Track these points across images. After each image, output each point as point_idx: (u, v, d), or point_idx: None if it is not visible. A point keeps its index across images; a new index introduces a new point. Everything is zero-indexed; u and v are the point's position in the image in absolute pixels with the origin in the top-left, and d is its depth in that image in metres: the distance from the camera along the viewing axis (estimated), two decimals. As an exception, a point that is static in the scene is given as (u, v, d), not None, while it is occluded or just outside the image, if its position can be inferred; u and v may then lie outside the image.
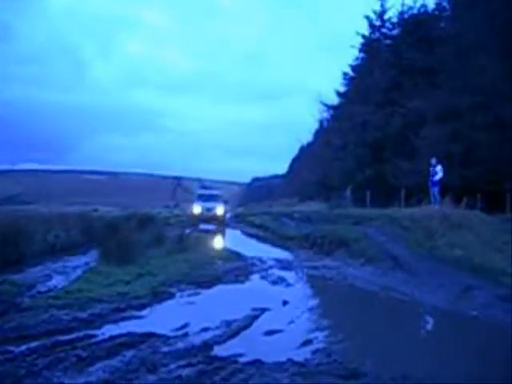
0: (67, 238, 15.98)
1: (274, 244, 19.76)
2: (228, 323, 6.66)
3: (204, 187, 38.95)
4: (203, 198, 32.15)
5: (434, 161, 20.43)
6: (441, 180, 20.23)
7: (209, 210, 30.30)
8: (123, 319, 7.05)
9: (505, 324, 7.01)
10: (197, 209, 30.53)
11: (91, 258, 13.26)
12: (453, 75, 29.52)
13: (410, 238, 14.48)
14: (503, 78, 25.83)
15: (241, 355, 5.28)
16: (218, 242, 20.63)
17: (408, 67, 35.43)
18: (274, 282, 10.78)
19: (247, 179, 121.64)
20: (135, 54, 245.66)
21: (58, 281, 10.09)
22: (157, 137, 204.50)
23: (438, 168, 20.22)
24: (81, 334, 6.15)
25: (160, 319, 7.14)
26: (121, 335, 6.03)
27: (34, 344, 5.63)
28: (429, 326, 7.93)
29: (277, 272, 12.09)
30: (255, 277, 11.54)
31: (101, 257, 12.55)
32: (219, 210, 31.00)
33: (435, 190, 20.30)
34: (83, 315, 6.98)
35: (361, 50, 42.93)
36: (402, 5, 39.17)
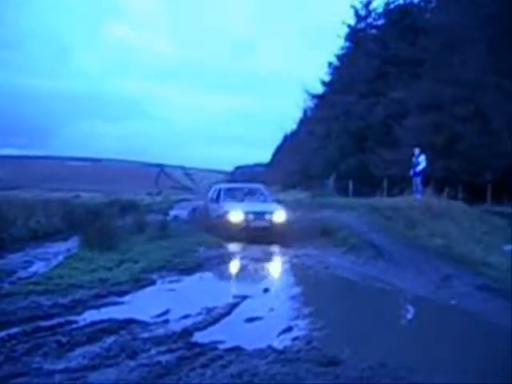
0: (49, 225, 15.92)
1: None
2: (209, 310, 6.67)
3: (231, 180, 23.31)
4: (239, 196, 18.05)
5: (416, 151, 20.54)
6: (423, 170, 20.35)
7: (258, 216, 15.96)
8: (104, 305, 7.04)
9: (483, 313, 7.10)
10: (237, 215, 15.84)
11: (73, 244, 13.22)
12: (436, 66, 29.67)
13: (391, 228, 14.57)
14: (486, 70, 25.99)
15: (221, 342, 5.30)
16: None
17: (392, 57, 35.56)
18: (256, 270, 10.81)
19: (230, 167, 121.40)
20: (120, 40, 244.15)
21: (39, 267, 10.05)
22: (140, 124, 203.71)
23: (421, 158, 20.32)
24: (61, 319, 6.14)
25: (141, 306, 7.13)
26: (101, 321, 6.02)
27: (13, 330, 5.61)
28: (408, 315, 8.00)
29: (259, 260, 12.12)
30: (237, 264, 11.58)
31: (82, 243, 12.50)
32: (278, 215, 16.06)
33: (418, 180, 20.42)
34: (64, 301, 6.96)
35: (346, 40, 42.99)
36: (388, -5, 39.28)
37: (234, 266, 11.54)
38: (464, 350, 5.35)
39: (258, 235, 15.18)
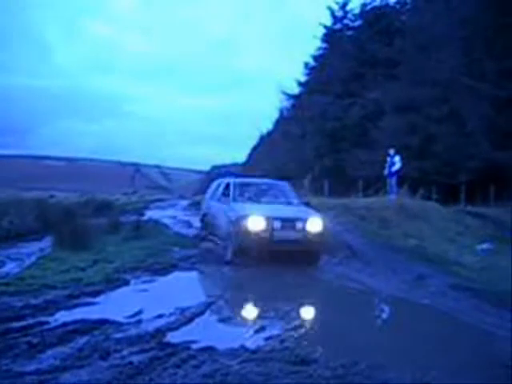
0: (22, 225, 15.71)
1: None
2: (182, 310, 6.63)
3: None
4: (255, 195, 12.88)
5: (392, 151, 20.69)
6: (398, 171, 20.49)
7: (288, 223, 11.16)
8: (77, 306, 6.96)
9: (455, 312, 7.17)
10: (257, 222, 10.94)
11: (47, 244, 13.07)
12: (412, 68, 29.96)
13: (366, 228, 14.66)
14: (461, 71, 26.30)
15: (194, 342, 5.27)
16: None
17: (368, 59, 35.80)
18: (231, 270, 10.79)
19: (207, 167, 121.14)
20: (100, 38, 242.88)
21: (10, 267, 9.92)
22: (119, 123, 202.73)
23: (396, 159, 20.48)
24: (33, 320, 6.06)
25: (114, 306, 7.08)
26: (74, 322, 5.95)
27: (-18, 332, 5.53)
28: (381, 314, 8.05)
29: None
30: (212, 264, 11.54)
31: (56, 243, 12.38)
32: (314, 223, 11.30)
33: (392, 181, 20.56)
34: (36, 302, 6.87)
35: (323, 40, 43.15)
36: (364, -4, 39.54)
37: (207, 266, 11.48)
38: (436, 348, 5.39)
39: (286, 252, 10.97)
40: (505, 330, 6.26)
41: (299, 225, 10.93)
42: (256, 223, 10.72)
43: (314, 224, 11.07)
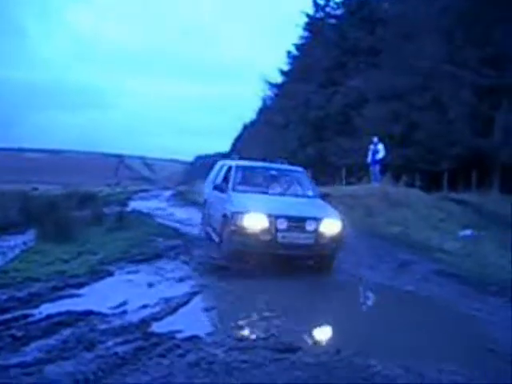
0: (5, 217, 15.59)
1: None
2: (167, 300, 6.63)
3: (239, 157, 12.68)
4: (260, 184, 10.83)
5: (375, 139, 20.72)
6: (382, 159, 20.56)
7: (296, 223, 8.93)
8: (61, 298, 6.91)
9: (439, 298, 7.24)
10: (256, 220, 8.84)
11: (30, 237, 12.95)
12: (394, 56, 30.00)
13: (350, 216, 14.70)
14: (442, 59, 26.39)
15: (179, 331, 5.28)
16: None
17: (350, 47, 35.83)
18: (215, 259, 10.75)
19: (190, 157, 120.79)
20: (82, 29, 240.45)
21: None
22: (101, 114, 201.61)
23: (380, 147, 20.52)
24: (17, 313, 6.02)
25: (98, 297, 7.04)
26: (58, 314, 5.92)
27: (-34, 326, 5.49)
28: (365, 301, 8.11)
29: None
30: (196, 254, 11.50)
31: (39, 236, 12.28)
32: (330, 224, 9.14)
33: (376, 169, 20.64)
34: (20, 294, 6.82)
35: (305, 29, 43.09)
36: (346, -15, 39.49)
37: (192, 257, 11.44)
38: (420, 334, 5.44)
39: (293, 258, 9.34)
40: (486, 314, 6.34)
41: (311, 226, 8.79)
42: (255, 221, 8.66)
43: (330, 226, 8.97)
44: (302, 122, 37.17)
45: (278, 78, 46.01)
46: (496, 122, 25.68)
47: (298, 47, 44.25)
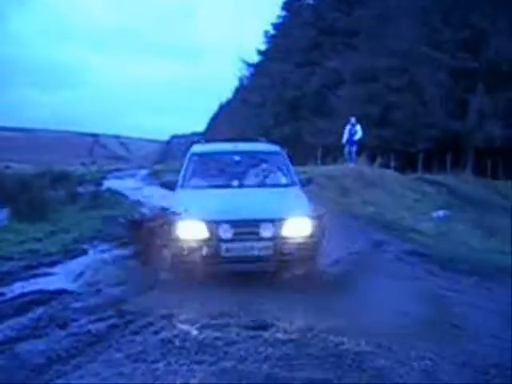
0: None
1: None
2: (142, 278, 6.63)
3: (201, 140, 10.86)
4: (224, 173, 8.17)
5: (353, 120, 20.64)
6: (360, 139, 20.54)
7: (246, 228, 6.61)
8: (34, 276, 6.88)
9: (409, 277, 7.32)
10: (191, 229, 6.62)
11: (2, 216, 12.84)
12: (371, 37, 30.06)
13: (324, 196, 14.75)
14: (419, 41, 26.49)
15: (153, 309, 5.28)
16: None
17: (328, 28, 35.77)
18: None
19: (166, 137, 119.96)
20: (56, 6, 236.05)
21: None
22: (76, 93, 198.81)
23: (358, 127, 20.47)
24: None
25: (72, 276, 7.01)
26: (31, 292, 5.90)
27: None
28: (337, 280, 8.08)
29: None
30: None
31: (12, 214, 12.17)
32: (296, 227, 6.68)
33: (353, 149, 20.63)
34: (-8, 273, 6.79)
35: (283, 9, 42.95)
36: (324, -37, 39.24)
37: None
38: (392, 313, 5.49)
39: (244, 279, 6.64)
40: (453, 292, 6.44)
41: (267, 230, 6.52)
42: (191, 231, 6.58)
43: (298, 228, 6.66)
44: (278, 101, 37.16)
45: (255, 58, 45.89)
46: (470, 105, 25.93)
47: (275, 27, 44.11)
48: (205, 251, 6.45)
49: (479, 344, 4.62)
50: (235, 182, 7.78)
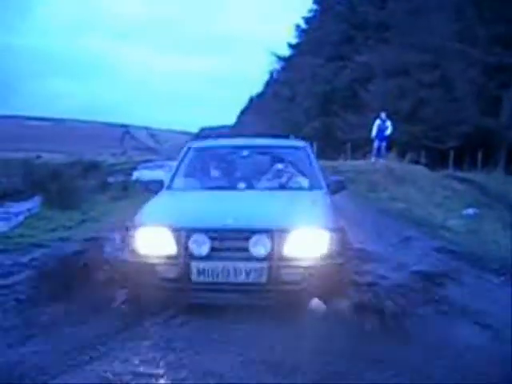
0: (9, 185, 15.67)
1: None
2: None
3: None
4: (231, 174, 6.43)
5: (383, 115, 20.53)
6: (390, 135, 20.44)
7: (229, 241, 4.65)
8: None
9: (437, 273, 7.27)
10: (152, 239, 4.75)
11: (34, 204, 13.05)
12: (403, 32, 29.77)
13: (354, 190, 14.71)
14: (452, 37, 26.17)
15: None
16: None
17: (360, 22, 35.54)
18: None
19: (195, 129, 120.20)
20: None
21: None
22: (106, 84, 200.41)
23: (388, 123, 20.36)
24: (21, 277, 6.11)
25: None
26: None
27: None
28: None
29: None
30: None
31: (44, 203, 12.37)
32: (309, 240, 4.64)
33: (382, 145, 20.53)
34: (23, 260, 6.91)
35: (314, 2, 42.75)
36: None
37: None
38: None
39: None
40: (482, 290, 6.39)
41: (261, 245, 4.58)
42: (151, 242, 4.78)
43: (307, 244, 4.67)
44: (308, 95, 37.07)
45: (286, 51, 45.76)
46: (504, 102, 25.55)
47: (306, 20, 43.92)
48: (169, 274, 4.57)
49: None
50: (241, 185, 5.96)
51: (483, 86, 25.72)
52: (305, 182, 6.17)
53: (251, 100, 61.98)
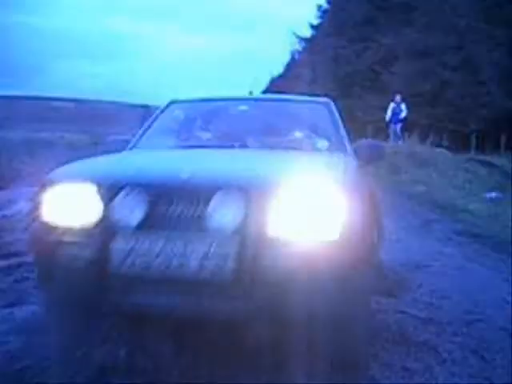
0: (33, 164, 15.83)
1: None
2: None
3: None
4: (223, 135, 4.55)
5: (398, 98, 20.48)
6: (404, 118, 20.44)
7: (190, 203, 2.69)
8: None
9: (456, 254, 7.26)
10: (71, 198, 2.91)
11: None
12: (427, 13, 29.44)
13: (375, 173, 14.68)
14: (477, 19, 25.85)
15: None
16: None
17: (383, 2, 35.13)
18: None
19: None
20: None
21: (22, 206, 10.04)
22: (127, 64, 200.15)
23: (403, 106, 20.34)
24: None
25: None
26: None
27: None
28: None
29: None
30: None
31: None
32: (311, 200, 2.66)
33: (397, 127, 20.56)
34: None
35: (337, -18, 42.25)
36: None
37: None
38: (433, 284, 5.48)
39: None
40: (500, 272, 6.37)
41: (226, 212, 2.64)
42: (65, 207, 2.94)
43: (306, 211, 2.67)
44: (330, 76, 36.83)
45: (308, 32, 45.41)
46: (529, 84, 25.25)
47: (328, 1, 43.48)
48: (76, 259, 2.79)
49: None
50: (232, 144, 4.11)
51: (508, 68, 25.40)
52: (323, 144, 4.38)
53: (272, 81, 61.66)
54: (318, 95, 6.54)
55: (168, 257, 2.61)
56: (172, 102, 5.14)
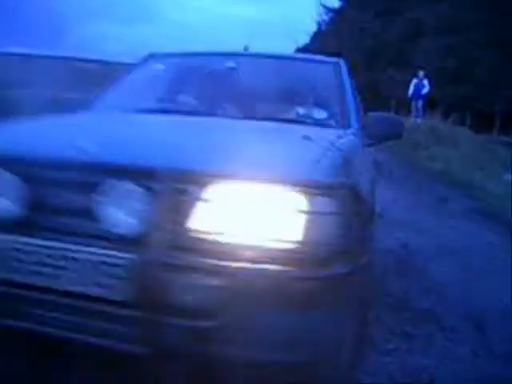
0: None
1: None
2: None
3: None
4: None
5: (421, 74, 20.25)
6: (426, 94, 20.24)
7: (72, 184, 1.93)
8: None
9: (469, 231, 7.28)
10: None
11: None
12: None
13: (395, 149, 14.63)
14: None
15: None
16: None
17: (412, -24, 34.58)
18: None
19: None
20: None
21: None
22: (152, 28, 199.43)
23: (426, 82, 20.14)
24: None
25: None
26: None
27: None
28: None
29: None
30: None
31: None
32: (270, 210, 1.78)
33: (419, 103, 20.38)
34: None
35: (367, -46, 41.63)
36: None
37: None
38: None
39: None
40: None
41: (122, 204, 1.85)
42: None
43: (250, 213, 1.81)
44: (355, 49, 36.52)
45: (336, 3, 44.97)
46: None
47: (358, -28, 42.93)
48: None
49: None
50: (219, 111, 3.42)
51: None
52: (320, 115, 3.42)
53: (297, 51, 61.22)
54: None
55: (39, 264, 1.89)
56: (151, 56, 4.27)
